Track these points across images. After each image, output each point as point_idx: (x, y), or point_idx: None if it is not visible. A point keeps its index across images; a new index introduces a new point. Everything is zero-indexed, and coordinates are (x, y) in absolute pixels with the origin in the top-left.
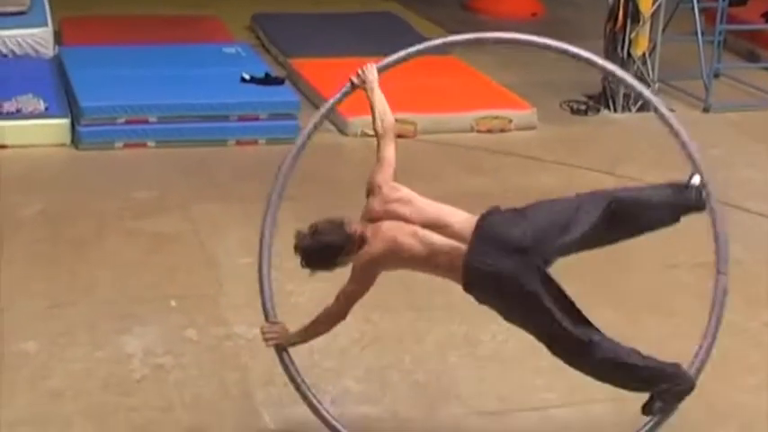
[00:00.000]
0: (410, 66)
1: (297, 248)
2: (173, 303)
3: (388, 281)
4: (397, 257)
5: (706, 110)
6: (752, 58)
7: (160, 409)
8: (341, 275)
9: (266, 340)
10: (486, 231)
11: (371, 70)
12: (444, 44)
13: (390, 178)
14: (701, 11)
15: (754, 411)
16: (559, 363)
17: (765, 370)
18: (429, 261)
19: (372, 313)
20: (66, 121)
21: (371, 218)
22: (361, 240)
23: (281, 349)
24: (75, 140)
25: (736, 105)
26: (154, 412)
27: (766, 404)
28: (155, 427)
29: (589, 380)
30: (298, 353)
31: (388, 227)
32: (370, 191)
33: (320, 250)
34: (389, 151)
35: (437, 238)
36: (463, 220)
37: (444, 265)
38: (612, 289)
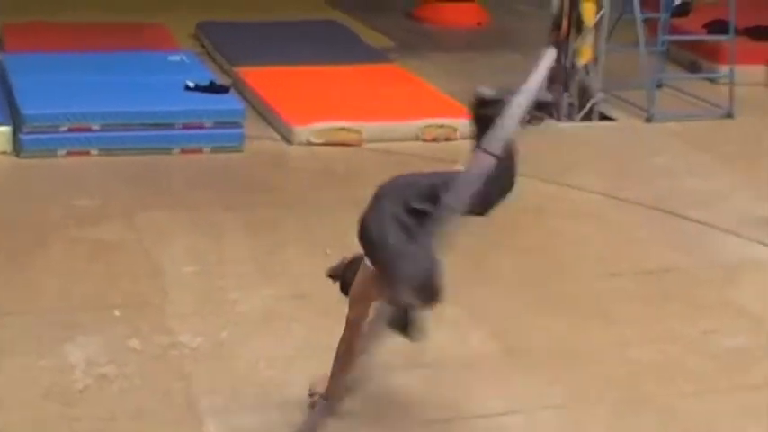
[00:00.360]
0: (354, 74)
1: (330, 278)
2: (116, 313)
3: (332, 291)
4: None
5: (649, 120)
6: (694, 68)
7: (103, 419)
8: (288, 282)
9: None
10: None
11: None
12: None
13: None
14: (644, 21)
15: (696, 417)
16: (504, 370)
17: (704, 377)
18: None
19: (318, 321)
20: (7, 129)
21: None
22: None
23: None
24: (17, 148)
25: (678, 115)
26: (97, 422)
27: (707, 410)
28: None
29: (533, 387)
30: (243, 361)
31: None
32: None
33: (342, 283)
34: None
35: None
36: None
37: None
38: (556, 298)
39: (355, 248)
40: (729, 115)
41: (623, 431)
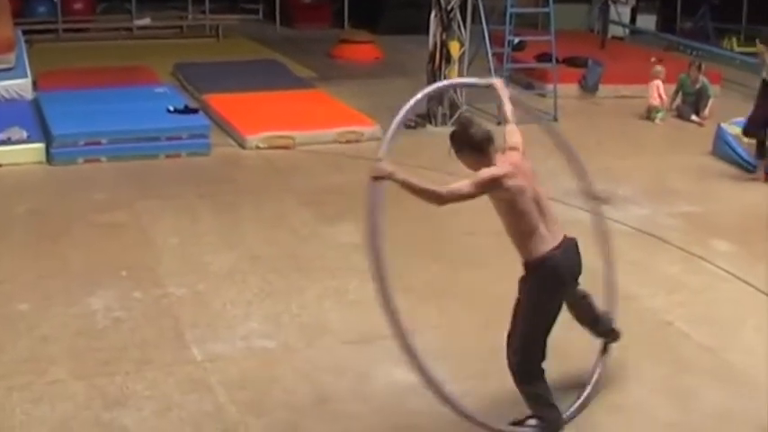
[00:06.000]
0: (288, 97)
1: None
2: (124, 273)
3: (277, 253)
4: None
5: (499, 123)
6: (529, 86)
7: (118, 348)
8: (245, 248)
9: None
10: None
11: (383, 166)
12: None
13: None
14: (494, 55)
15: None
16: (398, 304)
17: None
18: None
19: (268, 275)
20: (42, 146)
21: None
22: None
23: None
24: (49, 159)
25: (518, 120)
26: (114, 351)
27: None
28: (115, 361)
29: (419, 315)
30: (214, 305)
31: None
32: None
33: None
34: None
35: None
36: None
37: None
38: (434, 251)
39: (295, 228)
40: (555, 119)
41: (485, 343)
